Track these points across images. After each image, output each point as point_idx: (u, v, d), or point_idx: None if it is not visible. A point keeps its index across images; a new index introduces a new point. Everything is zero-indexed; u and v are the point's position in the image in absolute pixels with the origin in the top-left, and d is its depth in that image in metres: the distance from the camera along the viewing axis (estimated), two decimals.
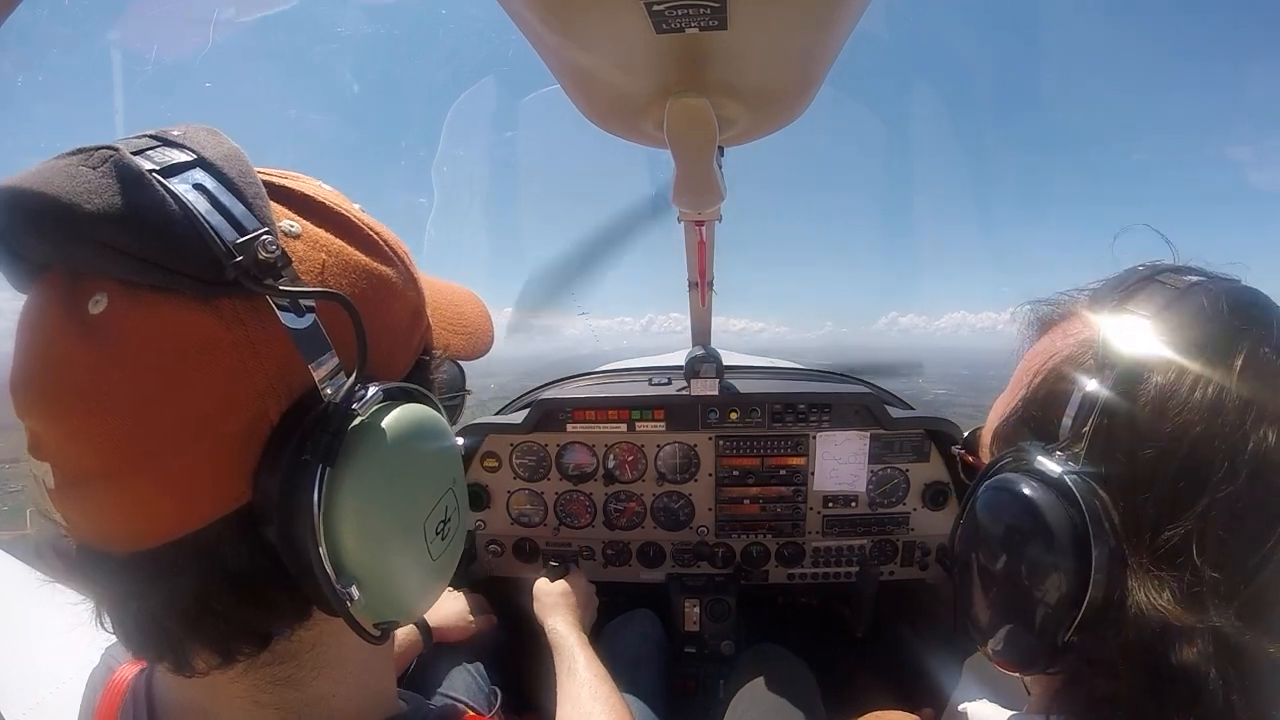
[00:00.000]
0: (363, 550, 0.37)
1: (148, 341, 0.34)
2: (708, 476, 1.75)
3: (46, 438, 0.35)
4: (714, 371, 1.66)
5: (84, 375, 0.34)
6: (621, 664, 1.37)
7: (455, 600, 1.44)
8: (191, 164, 0.35)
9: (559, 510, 1.78)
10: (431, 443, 0.42)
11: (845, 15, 0.55)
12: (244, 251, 0.34)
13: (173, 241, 0.33)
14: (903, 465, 1.72)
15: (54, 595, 1.34)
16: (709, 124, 0.67)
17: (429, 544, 0.41)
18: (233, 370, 0.35)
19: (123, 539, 0.36)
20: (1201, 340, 0.43)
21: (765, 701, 1.36)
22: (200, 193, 0.34)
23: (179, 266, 0.33)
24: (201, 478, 0.35)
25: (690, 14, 0.50)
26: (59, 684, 1.02)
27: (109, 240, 0.32)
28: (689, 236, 1.36)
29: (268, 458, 0.36)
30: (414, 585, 0.42)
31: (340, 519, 0.36)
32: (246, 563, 0.37)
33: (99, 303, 0.34)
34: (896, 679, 1.68)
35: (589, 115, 0.73)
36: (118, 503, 0.35)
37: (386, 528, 0.39)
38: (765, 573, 1.81)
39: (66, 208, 0.32)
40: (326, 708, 0.44)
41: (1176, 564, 0.40)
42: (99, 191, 0.32)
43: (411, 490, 0.40)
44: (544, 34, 0.59)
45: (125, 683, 0.50)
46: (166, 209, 0.33)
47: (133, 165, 0.33)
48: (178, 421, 0.34)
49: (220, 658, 0.38)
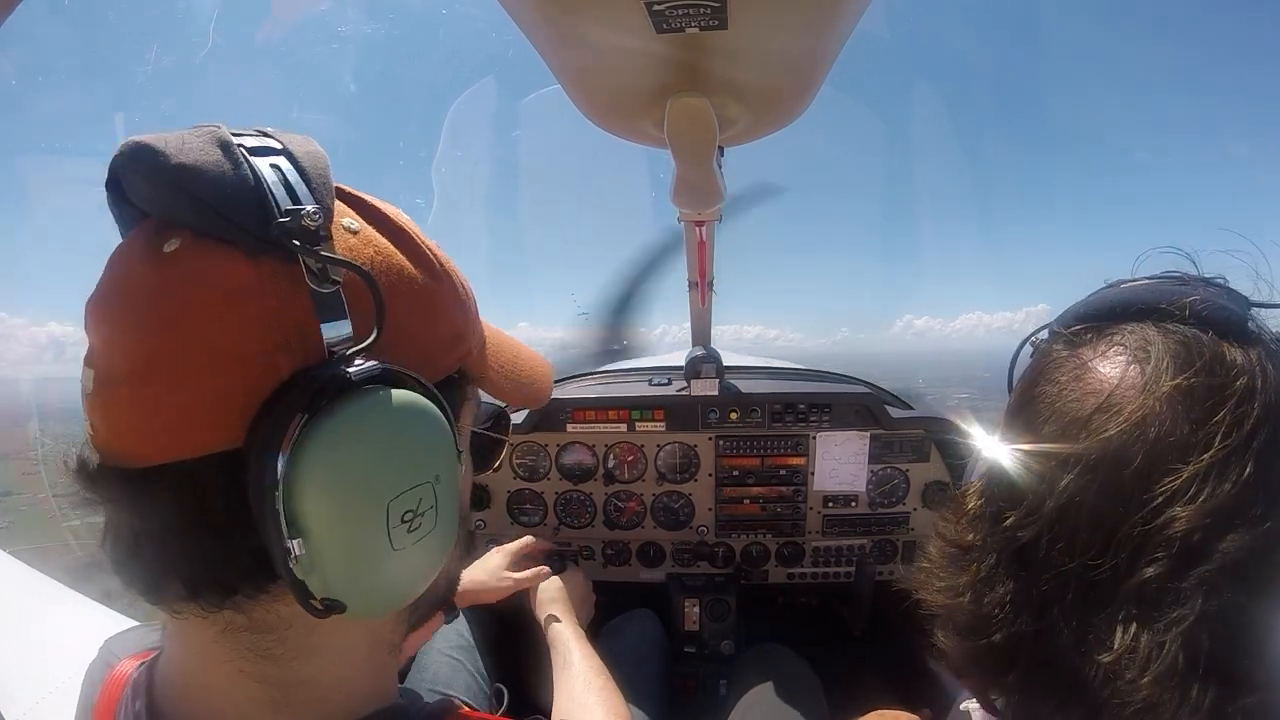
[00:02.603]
0: (315, 505, 0.38)
1: (198, 278, 0.38)
2: (708, 476, 1.75)
3: (98, 344, 0.40)
4: (714, 372, 1.66)
5: (140, 294, 0.39)
6: (621, 664, 1.37)
7: (487, 557, 1.40)
8: (277, 151, 0.41)
9: (559, 510, 1.78)
10: (417, 430, 0.42)
11: (845, 15, 0.55)
12: (290, 215, 0.38)
13: (237, 197, 0.38)
14: (903, 465, 1.72)
15: (54, 596, 1.34)
16: (709, 124, 0.67)
17: (390, 528, 0.41)
18: (258, 319, 0.38)
19: (128, 450, 0.39)
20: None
21: (770, 701, 1.36)
22: (275, 171, 0.40)
23: (236, 218, 0.38)
24: (205, 409, 0.38)
25: (690, 14, 0.50)
26: (59, 684, 1.02)
27: (187, 186, 0.38)
28: (689, 236, 1.36)
29: (265, 407, 0.38)
30: (365, 567, 0.41)
31: (303, 468, 0.37)
32: (222, 505, 0.39)
33: (172, 244, 0.39)
34: (897, 678, 1.68)
35: (589, 115, 0.73)
36: (135, 408, 0.39)
37: (344, 491, 0.39)
38: (765, 572, 1.81)
39: (161, 154, 0.38)
40: (312, 693, 0.45)
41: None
42: (191, 150, 0.39)
43: (381, 465, 0.41)
44: (544, 34, 0.60)
45: (124, 677, 0.50)
46: (240, 173, 0.39)
47: (224, 136, 0.40)
48: (199, 351, 0.38)
49: (187, 592, 0.41)
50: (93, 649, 0.57)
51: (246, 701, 0.44)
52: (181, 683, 0.47)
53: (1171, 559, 0.41)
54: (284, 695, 0.44)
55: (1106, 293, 0.51)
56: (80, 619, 1.26)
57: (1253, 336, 0.46)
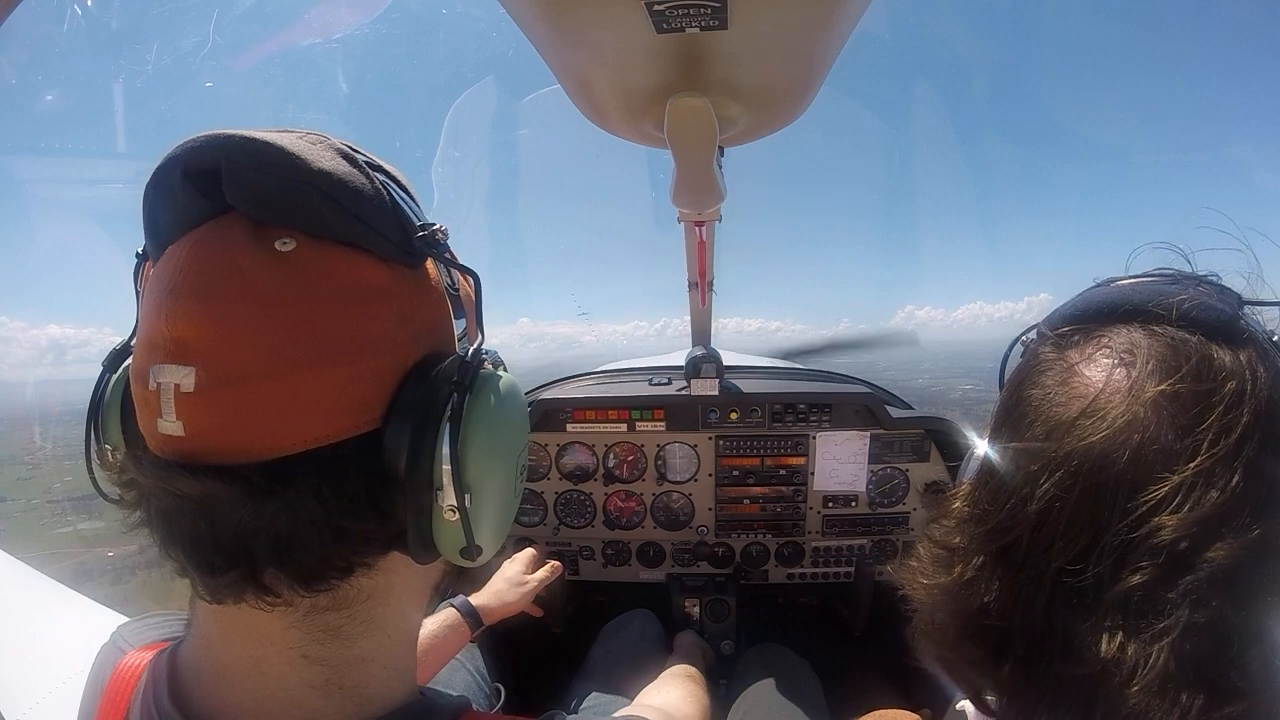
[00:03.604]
0: (478, 465, 0.43)
1: (334, 275, 0.40)
2: (708, 476, 1.75)
3: (204, 340, 0.38)
4: (714, 371, 1.66)
5: (269, 287, 0.39)
6: (621, 664, 1.37)
7: (504, 569, 1.42)
8: (381, 169, 0.44)
9: (559, 510, 1.79)
10: (521, 403, 0.50)
11: (845, 15, 0.56)
12: (426, 229, 0.44)
13: (377, 209, 0.42)
14: (903, 465, 1.72)
15: (54, 596, 1.34)
16: (709, 124, 0.67)
17: (517, 480, 0.49)
18: (398, 315, 0.42)
19: (250, 445, 0.39)
20: None
21: (770, 701, 1.36)
22: (393, 185, 0.44)
23: (379, 226, 0.41)
24: (347, 396, 0.40)
25: (690, 14, 0.50)
26: (60, 683, 1.02)
27: (329, 191, 0.40)
28: (689, 236, 1.36)
29: (403, 391, 0.42)
30: (505, 514, 0.48)
31: (465, 439, 0.42)
32: (364, 487, 0.41)
33: (287, 244, 0.40)
34: (896, 678, 1.68)
35: (589, 115, 0.73)
36: (268, 403, 0.38)
37: (499, 456, 0.45)
38: (765, 572, 1.81)
39: (297, 158, 0.39)
40: (363, 673, 0.46)
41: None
42: (324, 157, 0.40)
43: (513, 432, 0.47)
44: (545, 34, 0.60)
45: (139, 668, 0.50)
46: (375, 186, 0.42)
47: (347, 149, 0.42)
48: (343, 342, 0.40)
49: (304, 584, 0.41)
50: (93, 649, 0.56)
51: (299, 684, 0.44)
52: (219, 669, 0.46)
53: (1157, 568, 0.41)
54: (339, 676, 0.45)
55: (1095, 292, 0.50)
56: (80, 619, 1.27)
57: (1243, 337, 0.45)
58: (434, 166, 2.51)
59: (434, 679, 1.30)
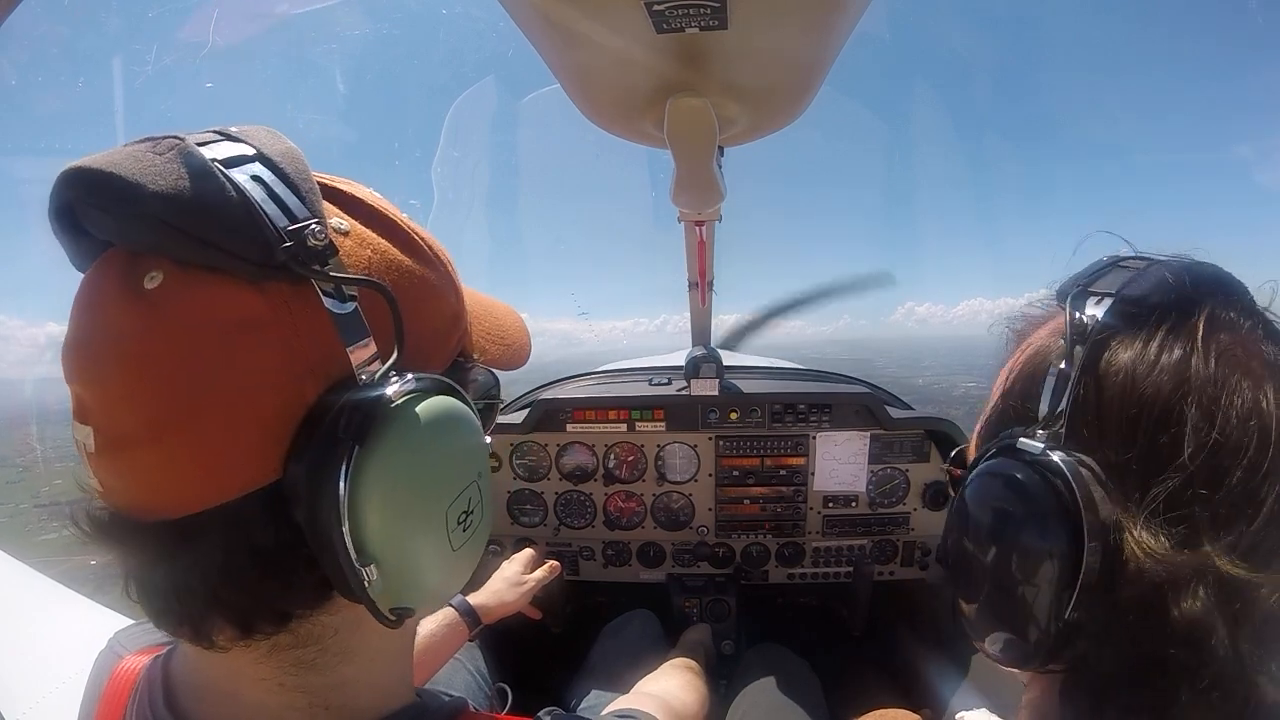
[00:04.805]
0: (384, 531, 0.38)
1: (197, 315, 0.36)
2: (708, 476, 1.75)
3: (91, 401, 0.37)
4: (714, 371, 1.66)
5: (132, 342, 0.35)
6: (621, 664, 1.37)
7: (502, 568, 1.42)
8: (251, 158, 0.38)
9: (559, 510, 1.78)
10: (460, 434, 0.43)
11: (845, 16, 0.56)
12: (294, 238, 0.36)
13: (229, 224, 0.35)
14: (903, 465, 1.72)
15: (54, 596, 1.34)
16: (709, 124, 0.68)
17: (450, 533, 0.42)
18: (276, 349, 0.36)
19: (154, 506, 0.37)
20: (1165, 306, 0.44)
21: (770, 701, 1.36)
22: (257, 184, 0.37)
23: (233, 248, 0.35)
24: (236, 451, 0.36)
25: (690, 14, 0.50)
26: (59, 684, 1.02)
27: (170, 219, 0.35)
28: (689, 236, 1.36)
29: (300, 437, 0.37)
30: (432, 573, 0.42)
31: (365, 498, 0.37)
32: (272, 539, 0.37)
33: (154, 279, 0.36)
34: (896, 678, 1.68)
35: (589, 115, 0.73)
36: (153, 468, 0.36)
37: (409, 511, 0.40)
38: (765, 573, 1.81)
39: (132, 186, 0.34)
40: (349, 693, 0.45)
41: (1168, 515, 0.41)
42: (164, 174, 0.35)
43: (437, 477, 0.41)
44: (544, 33, 0.60)
45: (135, 672, 0.50)
46: (225, 194, 0.35)
47: (196, 153, 0.36)
48: (219, 393, 0.36)
49: (239, 632, 0.39)
50: (93, 649, 0.57)
51: (281, 708, 0.43)
52: (200, 687, 0.46)
53: None
54: (322, 699, 0.44)
55: (1157, 275, 0.46)
56: (80, 619, 1.27)
57: None
58: (434, 166, 2.52)
59: (434, 679, 1.30)
